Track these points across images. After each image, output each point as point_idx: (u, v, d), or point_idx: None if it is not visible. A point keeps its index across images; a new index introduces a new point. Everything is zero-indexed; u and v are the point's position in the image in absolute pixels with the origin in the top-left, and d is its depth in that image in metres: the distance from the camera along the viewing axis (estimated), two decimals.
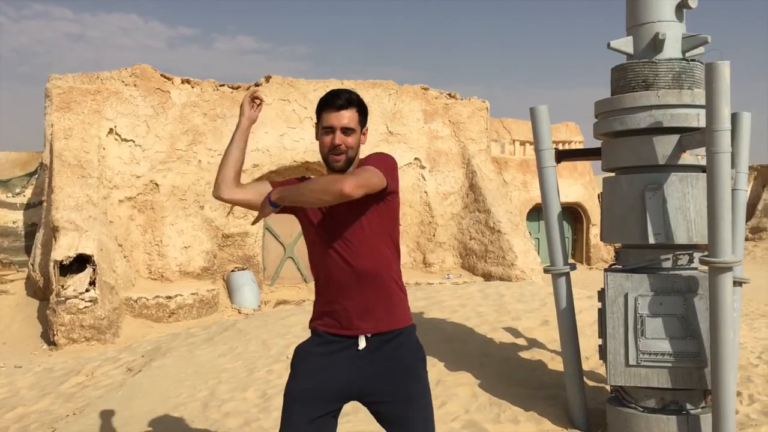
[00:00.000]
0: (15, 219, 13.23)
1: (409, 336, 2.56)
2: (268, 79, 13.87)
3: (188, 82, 13.28)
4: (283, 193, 2.48)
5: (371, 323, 2.46)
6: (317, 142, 2.54)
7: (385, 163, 2.45)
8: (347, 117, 2.46)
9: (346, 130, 2.45)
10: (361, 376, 2.45)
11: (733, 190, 3.60)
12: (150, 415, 4.62)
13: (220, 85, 13.58)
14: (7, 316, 11.20)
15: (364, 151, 2.60)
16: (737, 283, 3.78)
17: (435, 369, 5.08)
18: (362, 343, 2.45)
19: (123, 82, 12.70)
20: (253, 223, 2.66)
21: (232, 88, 13.68)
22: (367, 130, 2.57)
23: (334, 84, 14.08)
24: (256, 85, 13.81)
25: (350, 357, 2.46)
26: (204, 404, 4.82)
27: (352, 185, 2.25)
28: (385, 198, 2.47)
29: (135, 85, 12.70)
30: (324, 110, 2.49)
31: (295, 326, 6.71)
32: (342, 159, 2.46)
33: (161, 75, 13.04)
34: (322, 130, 2.49)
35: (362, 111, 2.52)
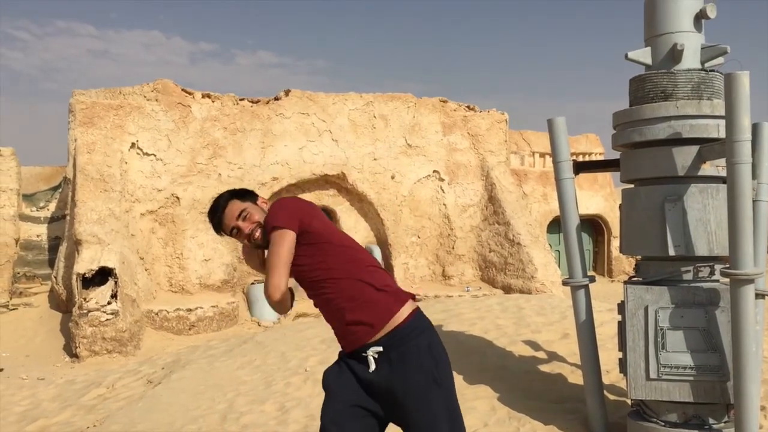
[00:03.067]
0: (39, 232, 13.41)
1: (411, 343, 2.50)
2: (287, 93, 13.97)
3: (209, 96, 13.41)
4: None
5: (361, 334, 2.48)
6: (335, 155, 2.61)
7: (275, 220, 2.55)
8: (229, 215, 2.63)
9: (240, 216, 2.62)
10: (378, 398, 2.49)
11: (754, 201, 3.55)
12: (169, 427, 4.64)
13: (240, 100, 13.70)
14: (30, 328, 11.33)
15: (383, 161, 2.61)
16: (759, 295, 3.72)
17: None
18: (372, 365, 2.46)
19: (145, 97, 12.86)
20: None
21: (252, 102, 13.80)
22: (257, 196, 2.74)
23: (353, 98, 14.13)
24: (276, 99, 13.92)
25: (367, 380, 2.49)
26: (222, 416, 4.83)
27: (273, 290, 2.50)
28: (306, 240, 2.54)
29: (156, 100, 12.86)
30: (217, 225, 2.67)
31: (314, 339, 6.72)
32: (259, 234, 2.61)
33: (182, 90, 13.19)
34: (233, 236, 2.68)
35: (238, 196, 2.68)
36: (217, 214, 2.66)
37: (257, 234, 2.61)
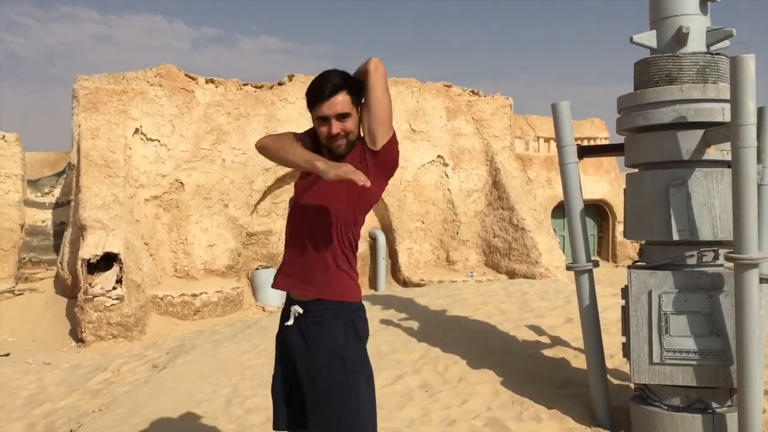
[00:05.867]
0: (44, 218, 13.46)
1: (334, 320, 2.44)
2: (291, 78, 13.93)
3: (212, 81, 13.39)
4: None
5: (303, 289, 2.47)
6: None
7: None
8: (339, 103, 2.35)
9: (341, 116, 2.37)
10: (292, 358, 2.52)
11: (759, 185, 3.53)
12: (174, 411, 4.67)
13: (244, 85, 13.67)
14: (36, 314, 11.40)
15: None
16: (764, 279, 3.71)
17: (457, 366, 5.07)
18: (290, 320, 2.49)
19: (148, 82, 12.84)
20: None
21: (256, 87, 13.77)
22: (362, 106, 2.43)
23: None
24: (280, 84, 13.88)
25: (286, 335, 2.53)
26: (227, 401, 4.86)
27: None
28: (367, 159, 2.40)
29: (160, 85, 12.84)
30: (315, 101, 2.38)
31: None
32: (343, 143, 2.39)
33: (186, 75, 13.17)
34: (317, 120, 2.40)
35: (354, 90, 2.39)
36: (322, 93, 2.36)
37: (341, 143, 2.39)
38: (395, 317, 6.21)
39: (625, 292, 3.92)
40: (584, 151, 4.49)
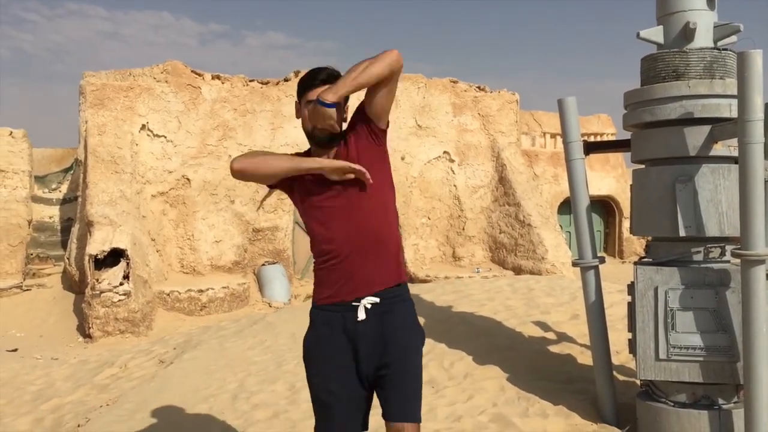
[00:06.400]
0: (51, 214, 13.52)
1: (402, 305, 2.56)
2: (297, 74, 13.93)
3: (218, 77, 13.40)
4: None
5: (373, 285, 2.46)
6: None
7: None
8: (316, 92, 2.41)
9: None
10: (362, 353, 2.45)
11: (766, 181, 3.52)
12: (181, 406, 4.69)
13: (250, 81, 13.69)
14: (44, 309, 11.45)
15: (393, 142, 2.60)
16: None
17: (463, 362, 5.07)
18: (361, 314, 2.43)
19: (155, 78, 12.87)
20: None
21: (262, 83, 13.78)
22: (348, 107, 2.52)
23: None
24: (285, 80, 13.89)
25: (351, 333, 2.44)
26: (233, 396, 4.87)
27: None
28: (379, 139, 2.49)
29: (166, 82, 12.86)
30: (307, 87, 2.44)
31: None
32: (329, 128, 2.42)
33: (192, 71, 13.19)
34: (306, 104, 2.44)
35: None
36: (312, 81, 2.43)
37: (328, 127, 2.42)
38: None
39: (631, 288, 3.91)
40: (590, 147, 4.48)
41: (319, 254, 2.51)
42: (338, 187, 2.44)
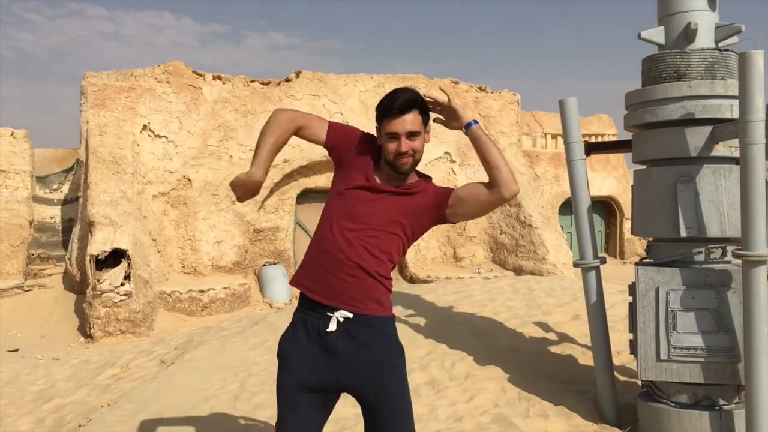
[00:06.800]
0: (53, 214, 13.53)
1: (385, 327, 2.47)
2: (298, 74, 13.94)
3: (219, 78, 13.41)
4: None
5: (349, 304, 2.40)
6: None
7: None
8: (410, 121, 2.37)
9: (411, 135, 2.39)
10: (342, 374, 2.41)
11: (767, 181, 3.52)
12: (182, 407, 4.69)
13: (251, 81, 13.69)
14: (45, 309, 11.46)
15: None
16: None
17: (464, 363, 5.07)
18: (332, 325, 2.37)
19: (156, 79, 12.88)
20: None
21: (263, 83, 13.78)
22: (430, 128, 2.49)
23: (364, 79, 14.10)
24: (287, 80, 13.89)
25: (326, 350, 2.40)
26: (235, 396, 4.88)
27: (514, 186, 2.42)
28: (432, 221, 2.53)
29: (168, 82, 12.87)
30: (385, 116, 2.39)
31: None
32: (409, 162, 2.41)
33: (193, 72, 13.20)
34: (385, 135, 2.40)
35: (424, 110, 2.44)
36: (393, 108, 2.36)
37: (407, 161, 2.40)
38: (402, 314, 6.21)
39: (632, 288, 3.92)
40: (592, 148, 4.49)
41: (316, 242, 2.50)
42: (372, 199, 2.45)
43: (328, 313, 2.40)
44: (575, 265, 4.31)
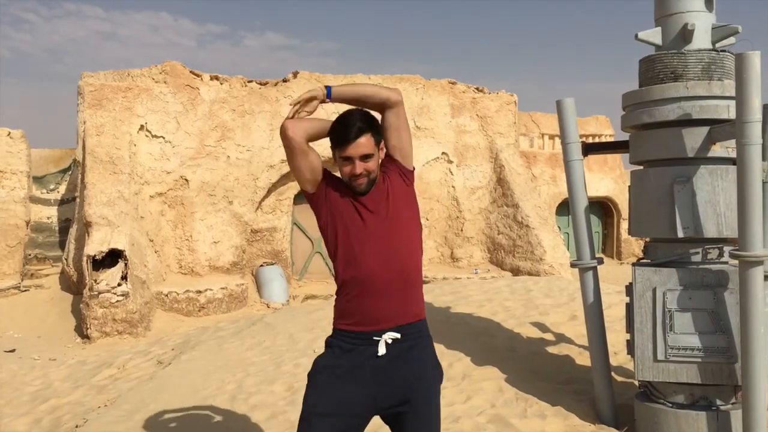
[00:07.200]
0: (49, 215, 13.50)
1: (425, 340, 2.54)
2: (295, 75, 13.94)
3: (217, 78, 13.39)
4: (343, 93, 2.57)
5: (396, 318, 2.45)
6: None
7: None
8: (363, 144, 2.41)
9: (365, 157, 2.42)
10: (381, 388, 2.41)
11: (764, 182, 3.53)
12: (179, 407, 4.69)
13: (248, 82, 13.68)
14: (42, 310, 11.43)
15: None
16: None
17: (461, 363, 5.07)
18: (382, 349, 2.41)
19: (153, 79, 12.86)
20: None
21: (260, 84, 13.77)
22: (383, 146, 2.53)
23: (361, 79, 14.10)
24: (284, 81, 13.89)
25: (371, 368, 2.41)
26: (232, 397, 4.87)
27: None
28: (408, 179, 2.58)
29: (165, 82, 12.85)
30: (339, 143, 2.43)
31: (322, 320, 6.75)
32: (364, 182, 2.45)
33: (190, 72, 13.18)
34: (340, 159, 2.45)
35: (376, 131, 2.47)
36: (347, 136, 2.40)
37: (362, 181, 2.44)
38: None
39: (629, 289, 3.92)
40: (589, 148, 4.49)
41: (345, 283, 2.49)
42: (374, 209, 2.48)
43: (375, 338, 2.43)
44: (572, 265, 4.32)
